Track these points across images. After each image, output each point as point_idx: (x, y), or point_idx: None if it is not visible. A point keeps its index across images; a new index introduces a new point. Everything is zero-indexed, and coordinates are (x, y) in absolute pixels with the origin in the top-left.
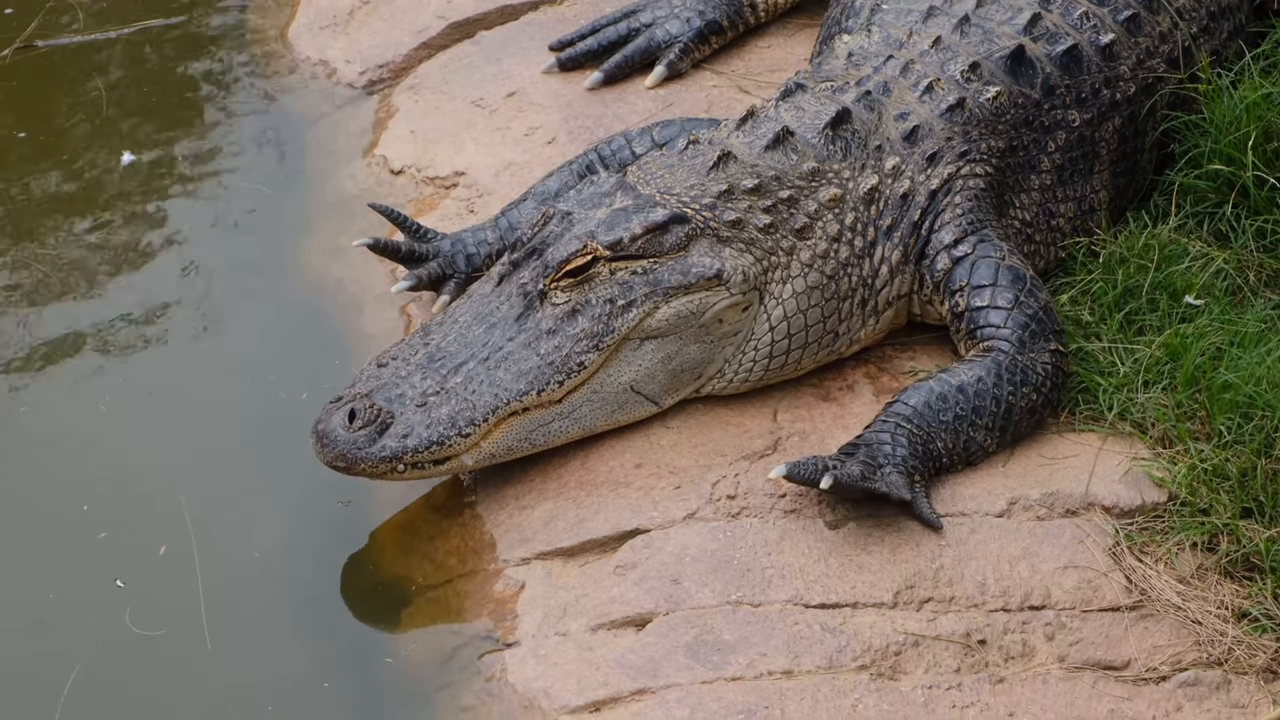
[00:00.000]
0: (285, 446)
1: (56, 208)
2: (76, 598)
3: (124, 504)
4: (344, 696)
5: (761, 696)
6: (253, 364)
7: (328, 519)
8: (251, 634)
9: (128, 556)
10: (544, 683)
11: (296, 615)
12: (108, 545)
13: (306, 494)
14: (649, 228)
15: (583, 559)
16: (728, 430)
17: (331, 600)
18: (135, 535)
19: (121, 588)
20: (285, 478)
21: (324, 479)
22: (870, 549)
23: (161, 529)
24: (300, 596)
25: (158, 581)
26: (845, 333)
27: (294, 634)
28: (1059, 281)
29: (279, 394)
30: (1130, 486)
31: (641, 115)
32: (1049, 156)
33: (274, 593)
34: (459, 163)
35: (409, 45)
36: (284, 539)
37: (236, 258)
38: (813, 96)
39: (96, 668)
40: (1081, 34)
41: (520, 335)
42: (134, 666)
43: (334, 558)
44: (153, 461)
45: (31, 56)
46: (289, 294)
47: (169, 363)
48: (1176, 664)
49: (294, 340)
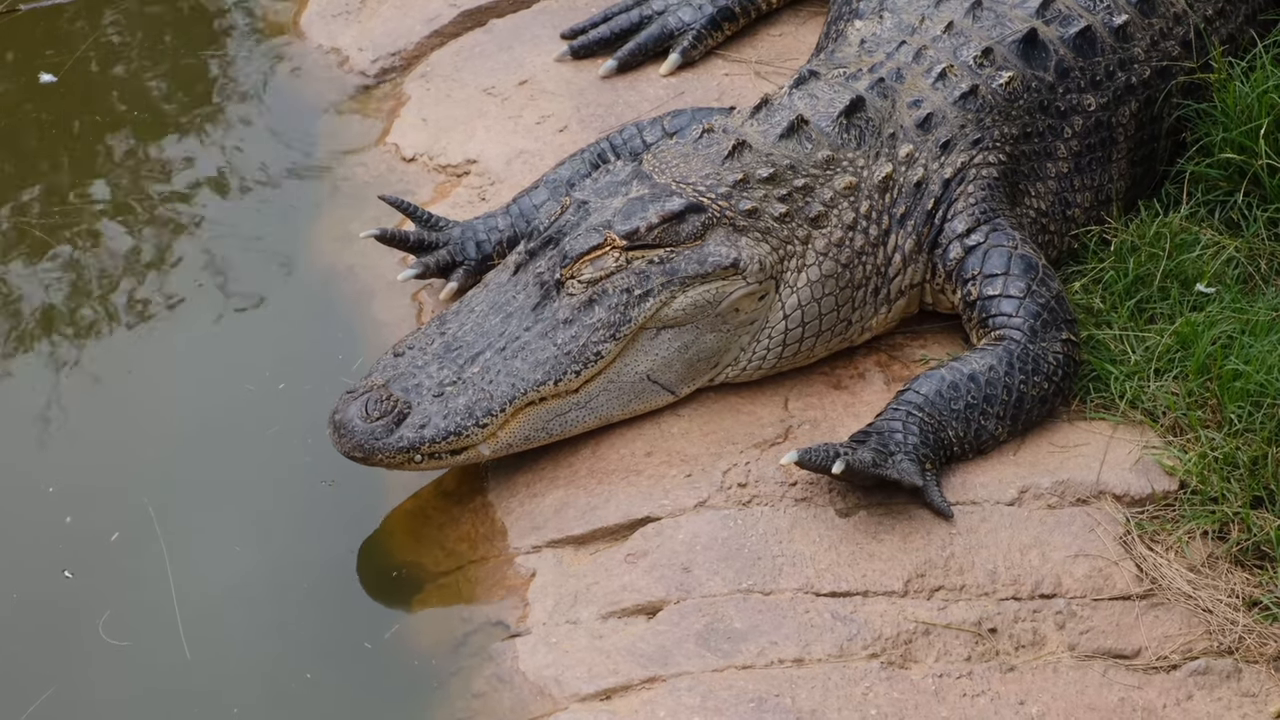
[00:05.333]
0: (298, 433)
1: (63, 195)
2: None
3: (137, 489)
4: (356, 681)
5: (772, 684)
6: (264, 351)
7: (341, 505)
8: (264, 618)
9: (138, 542)
10: (555, 670)
11: (309, 600)
12: (123, 536)
13: (321, 480)
14: (665, 217)
15: (594, 547)
16: (739, 418)
17: (344, 585)
18: (153, 521)
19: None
20: (299, 464)
21: (336, 463)
22: (881, 537)
23: (174, 515)
24: (313, 581)
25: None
26: (858, 321)
27: (307, 618)
28: (1070, 270)
29: (291, 381)
30: (1141, 475)
31: (653, 103)
32: (1066, 144)
33: (287, 577)
34: (471, 150)
35: (421, 33)
36: (297, 524)
37: (247, 245)
38: (826, 84)
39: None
40: (1094, 15)
41: (537, 325)
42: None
43: (346, 544)
44: (166, 449)
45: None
46: (300, 281)
47: (180, 350)
48: (1187, 652)
49: (305, 327)
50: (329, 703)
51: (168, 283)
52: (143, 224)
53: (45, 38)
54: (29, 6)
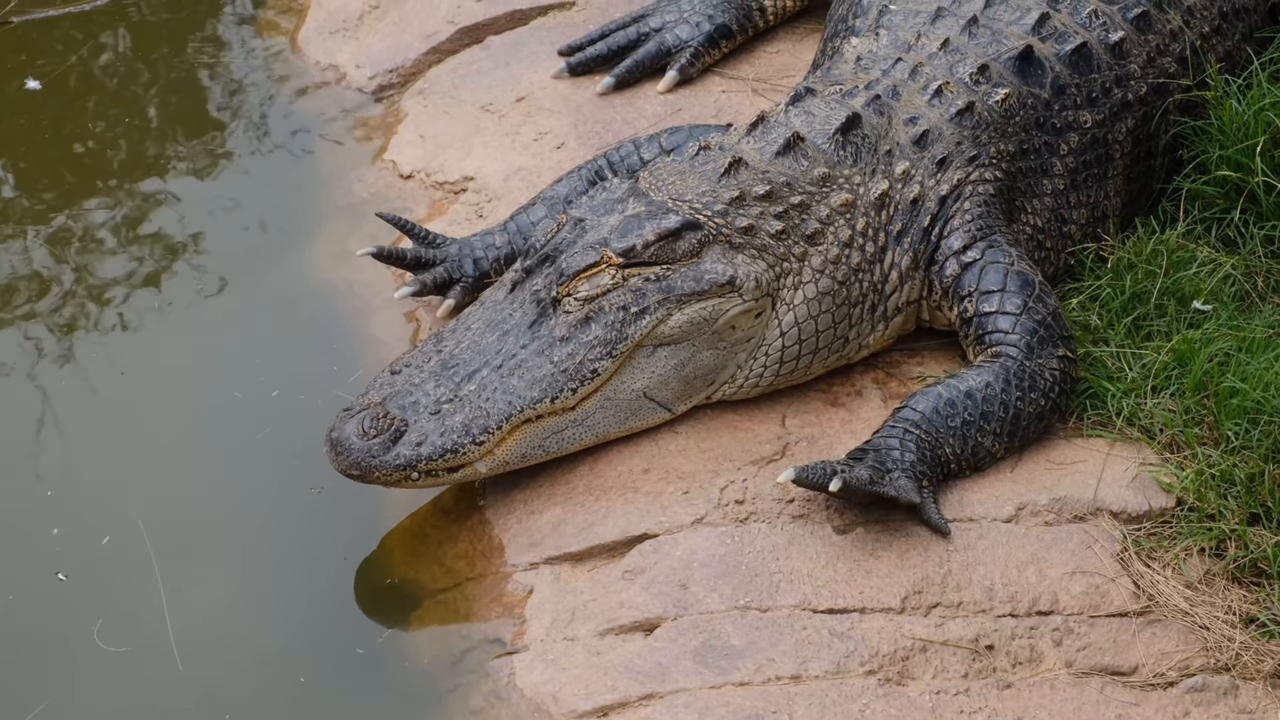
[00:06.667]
0: (296, 449)
1: (60, 209)
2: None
3: (129, 504)
4: (353, 697)
5: (769, 702)
6: (261, 368)
7: (339, 521)
8: (261, 633)
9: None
10: (552, 687)
11: (307, 616)
12: (113, 546)
13: (317, 497)
14: (662, 234)
15: (591, 564)
16: (736, 435)
17: (341, 602)
18: (146, 536)
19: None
20: (296, 480)
21: (334, 482)
22: (878, 554)
23: (166, 530)
24: (310, 598)
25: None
26: (855, 338)
27: (304, 635)
28: (1067, 287)
29: (288, 397)
30: (1138, 492)
31: (650, 120)
32: (1062, 160)
33: (284, 593)
34: (468, 167)
35: (418, 50)
36: (294, 541)
37: (246, 262)
38: (822, 101)
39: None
40: (1090, 32)
41: (534, 342)
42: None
43: (344, 560)
44: (161, 464)
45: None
46: (298, 298)
47: (176, 367)
48: (1184, 669)
49: (303, 344)
50: (327, 718)
51: (163, 298)
52: (138, 239)
53: (35, 49)
54: (22, 19)
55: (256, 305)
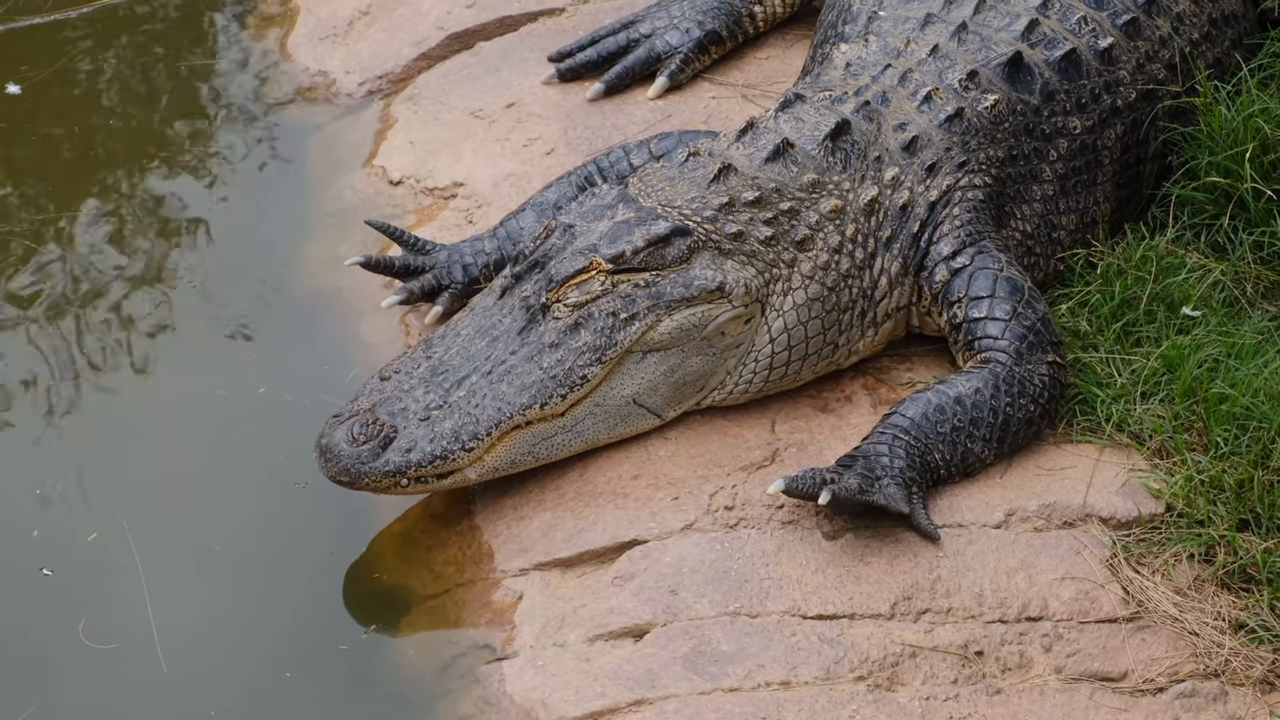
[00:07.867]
0: (285, 454)
1: (50, 212)
2: None
3: (118, 512)
4: (343, 704)
5: (759, 707)
6: (251, 373)
7: (329, 527)
8: (249, 641)
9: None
10: (542, 693)
11: (295, 622)
12: (98, 546)
13: (307, 502)
14: (651, 240)
15: (581, 570)
16: (725, 441)
17: (330, 608)
18: (131, 543)
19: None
20: (285, 485)
21: (323, 486)
22: (868, 560)
23: (155, 536)
24: (299, 603)
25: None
26: (844, 344)
27: (293, 641)
28: (1057, 293)
29: (279, 402)
30: (1127, 498)
31: (640, 126)
32: (1051, 166)
33: (272, 599)
34: (458, 173)
35: (408, 56)
36: (283, 546)
37: (236, 267)
38: (812, 107)
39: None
40: (1080, 38)
41: (523, 349)
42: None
43: (333, 566)
44: (153, 470)
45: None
46: (288, 303)
47: (168, 372)
48: (1174, 675)
49: (293, 349)
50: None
51: (152, 304)
52: (128, 246)
53: (20, 54)
54: (5, 27)
55: (246, 311)
